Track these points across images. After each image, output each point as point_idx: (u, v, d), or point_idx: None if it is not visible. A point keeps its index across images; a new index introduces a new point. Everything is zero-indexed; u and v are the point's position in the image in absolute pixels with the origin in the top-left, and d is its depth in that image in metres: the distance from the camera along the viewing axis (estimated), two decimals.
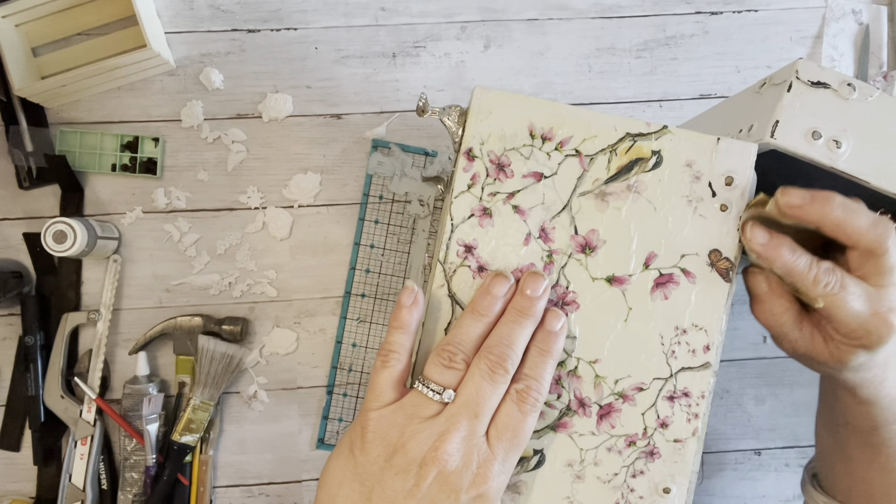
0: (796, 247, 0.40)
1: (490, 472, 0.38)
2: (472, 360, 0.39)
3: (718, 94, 0.75)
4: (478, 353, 0.39)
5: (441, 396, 0.39)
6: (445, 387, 0.39)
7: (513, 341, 0.39)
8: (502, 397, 0.39)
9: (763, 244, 0.40)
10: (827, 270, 0.39)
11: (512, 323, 0.39)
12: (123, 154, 0.70)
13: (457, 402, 0.38)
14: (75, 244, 0.63)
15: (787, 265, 0.40)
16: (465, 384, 0.39)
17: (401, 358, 0.40)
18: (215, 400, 0.69)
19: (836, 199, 0.39)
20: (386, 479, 0.38)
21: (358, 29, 0.73)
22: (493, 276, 0.41)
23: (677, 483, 0.42)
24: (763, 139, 0.42)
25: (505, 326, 0.40)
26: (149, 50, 0.65)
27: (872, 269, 0.40)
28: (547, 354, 0.40)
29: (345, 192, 0.72)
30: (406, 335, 0.40)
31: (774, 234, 0.40)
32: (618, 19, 0.75)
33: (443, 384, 0.39)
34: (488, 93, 0.42)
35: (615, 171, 0.42)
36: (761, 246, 0.40)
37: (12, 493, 0.70)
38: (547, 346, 0.40)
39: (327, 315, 0.72)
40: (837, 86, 0.42)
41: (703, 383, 0.42)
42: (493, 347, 0.39)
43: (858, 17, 0.76)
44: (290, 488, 0.72)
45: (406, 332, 0.40)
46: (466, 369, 0.39)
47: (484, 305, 0.40)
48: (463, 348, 0.39)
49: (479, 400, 0.38)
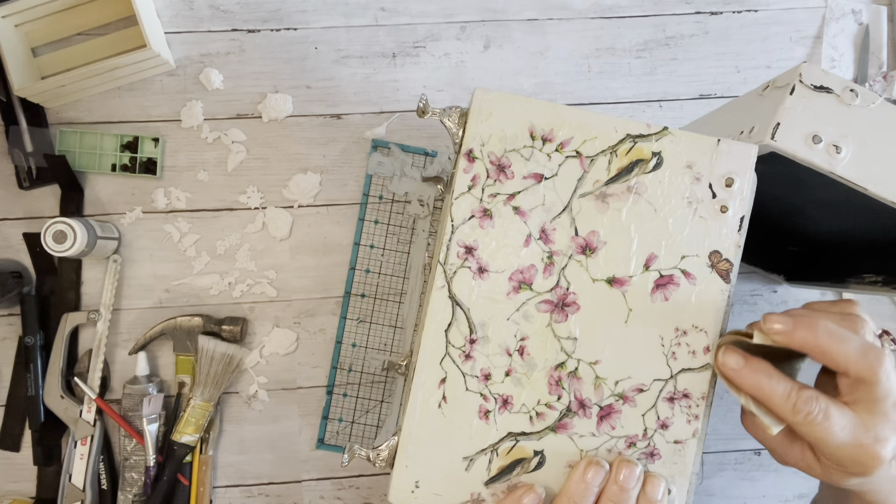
0: (773, 373, 0.38)
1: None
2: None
3: (718, 94, 0.75)
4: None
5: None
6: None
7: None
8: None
9: (735, 369, 0.39)
10: (808, 399, 0.37)
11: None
12: (123, 154, 0.70)
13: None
14: (75, 244, 0.63)
15: (760, 393, 0.38)
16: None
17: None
18: (215, 400, 0.69)
19: (821, 324, 0.37)
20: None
21: (358, 29, 0.73)
22: (587, 462, 0.41)
23: (677, 484, 0.42)
24: (763, 141, 0.42)
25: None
26: (149, 50, 0.65)
27: (863, 398, 0.38)
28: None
29: (345, 192, 0.72)
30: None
31: (751, 359, 0.39)
32: (618, 19, 0.75)
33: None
34: (489, 94, 0.42)
35: (615, 173, 0.42)
36: (733, 371, 0.39)
37: (12, 493, 0.70)
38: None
39: (327, 315, 0.72)
40: (840, 91, 0.42)
41: (704, 384, 0.42)
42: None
43: (858, 17, 0.76)
44: (290, 488, 0.72)
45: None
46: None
47: (579, 493, 0.40)
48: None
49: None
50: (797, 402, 0.37)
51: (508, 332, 0.42)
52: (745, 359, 0.39)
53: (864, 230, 0.55)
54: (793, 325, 0.37)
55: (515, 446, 0.42)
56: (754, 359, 0.39)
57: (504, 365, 0.42)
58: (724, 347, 0.40)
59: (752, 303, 0.75)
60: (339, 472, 0.72)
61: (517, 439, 0.42)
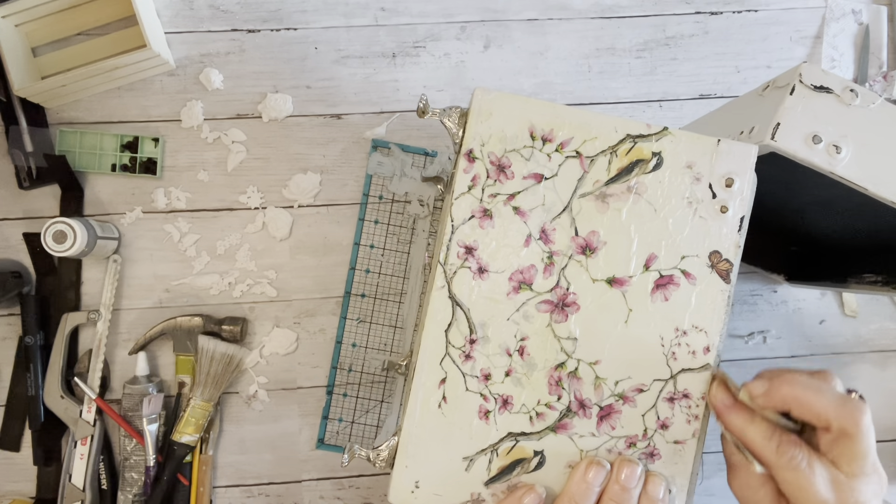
0: (758, 415, 0.39)
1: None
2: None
3: (718, 94, 0.75)
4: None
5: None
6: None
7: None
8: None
9: (726, 405, 0.40)
10: (792, 443, 0.37)
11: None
12: (123, 154, 0.70)
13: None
14: (75, 244, 0.63)
15: (744, 433, 0.39)
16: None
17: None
18: (215, 400, 0.69)
19: (798, 378, 0.38)
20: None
21: (358, 29, 0.73)
22: (588, 462, 0.41)
23: (677, 484, 0.42)
24: (763, 141, 0.42)
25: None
26: (149, 50, 0.65)
27: (844, 453, 0.37)
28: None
29: (345, 192, 0.72)
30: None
31: (739, 401, 0.40)
32: (618, 19, 0.75)
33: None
34: (489, 94, 0.42)
35: (616, 173, 0.42)
36: (722, 405, 0.40)
37: (12, 493, 0.70)
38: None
39: (327, 315, 0.72)
40: (840, 91, 0.42)
41: (703, 384, 0.42)
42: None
43: (858, 17, 0.76)
44: (290, 488, 0.72)
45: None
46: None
47: (580, 493, 0.40)
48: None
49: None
50: (780, 444, 0.37)
51: (508, 333, 0.42)
52: (733, 399, 0.40)
53: (864, 230, 0.55)
54: (770, 384, 0.38)
55: (515, 446, 0.42)
56: (741, 402, 0.40)
57: (504, 365, 0.42)
58: (718, 381, 0.41)
59: (752, 303, 0.75)
60: (339, 472, 0.72)
61: (517, 439, 0.42)
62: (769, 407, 0.38)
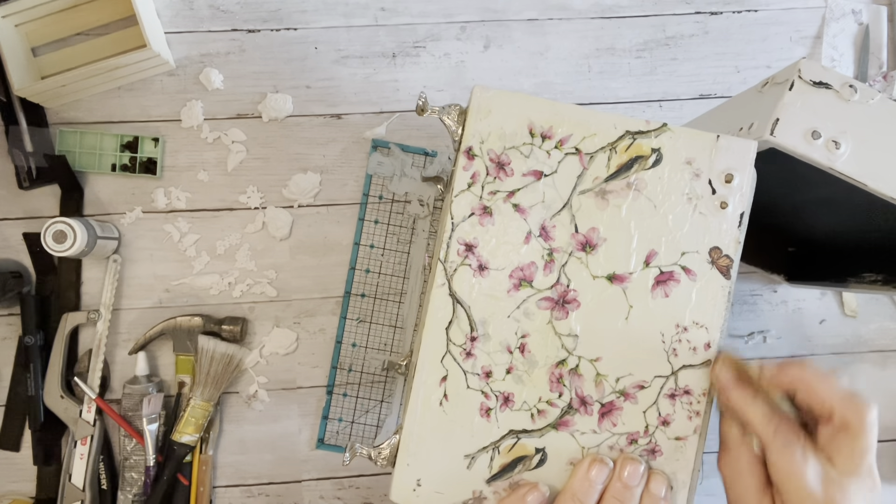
0: (760, 395, 0.39)
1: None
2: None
3: (718, 94, 0.75)
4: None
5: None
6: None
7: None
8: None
9: (730, 381, 0.40)
10: (790, 427, 0.38)
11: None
12: (123, 154, 0.70)
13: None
14: (75, 244, 0.63)
15: (745, 411, 0.39)
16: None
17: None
18: (215, 400, 0.69)
19: (808, 363, 0.38)
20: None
21: (358, 29, 0.73)
22: (591, 459, 0.41)
23: (679, 480, 0.42)
24: (763, 137, 0.42)
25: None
26: (149, 50, 0.65)
27: (843, 449, 0.36)
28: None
29: (344, 192, 0.72)
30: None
31: (742, 379, 0.40)
32: (618, 19, 0.75)
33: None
34: (487, 92, 0.42)
35: (615, 169, 0.42)
36: (727, 381, 0.40)
37: (12, 493, 0.70)
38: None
39: (327, 315, 0.72)
40: (839, 87, 0.43)
41: (705, 381, 0.42)
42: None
43: (858, 17, 0.76)
44: (289, 488, 0.72)
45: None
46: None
47: (583, 491, 0.40)
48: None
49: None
50: (779, 426, 0.38)
51: (509, 330, 0.42)
52: (737, 377, 0.40)
53: (864, 228, 0.55)
54: (780, 364, 0.38)
55: (517, 444, 0.42)
56: (745, 381, 0.40)
57: (505, 362, 0.42)
58: (723, 360, 0.41)
59: (752, 303, 0.75)
60: (339, 471, 0.72)
61: (518, 437, 0.42)
62: (775, 386, 0.38)
